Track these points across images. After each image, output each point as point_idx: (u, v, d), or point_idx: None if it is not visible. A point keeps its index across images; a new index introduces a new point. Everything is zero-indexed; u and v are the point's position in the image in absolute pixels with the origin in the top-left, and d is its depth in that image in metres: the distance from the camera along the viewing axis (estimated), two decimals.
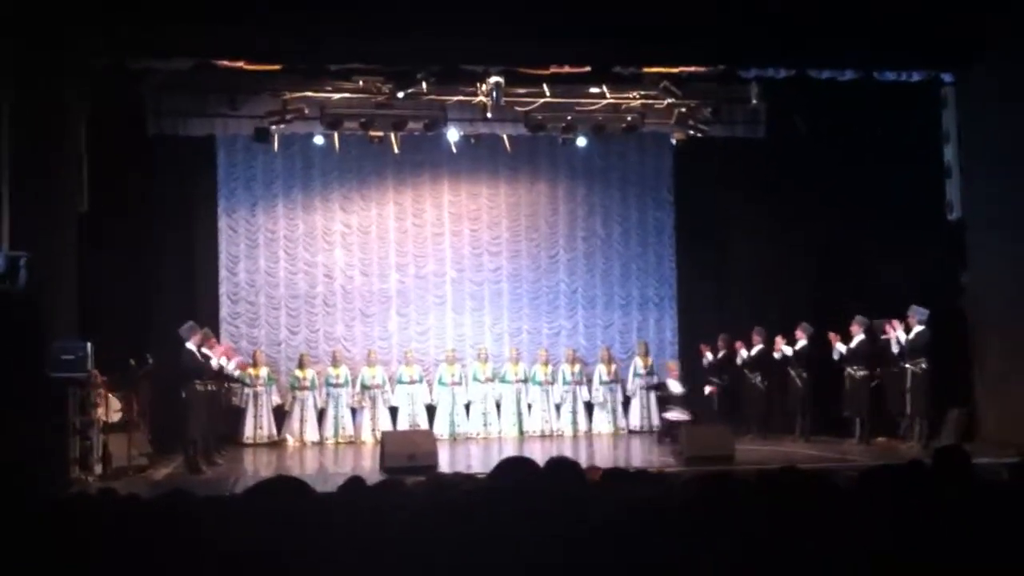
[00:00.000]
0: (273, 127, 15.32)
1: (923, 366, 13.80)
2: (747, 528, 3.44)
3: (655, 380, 17.27)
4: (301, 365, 16.70)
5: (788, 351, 15.49)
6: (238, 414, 16.13)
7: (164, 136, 15.48)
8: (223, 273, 17.14)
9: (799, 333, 15.38)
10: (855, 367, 14.52)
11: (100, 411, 12.20)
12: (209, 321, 15.43)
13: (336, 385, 16.68)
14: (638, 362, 17.57)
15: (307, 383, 16.59)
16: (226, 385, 14.83)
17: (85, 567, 3.29)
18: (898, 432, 14.38)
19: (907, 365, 13.91)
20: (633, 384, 17.55)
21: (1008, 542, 3.47)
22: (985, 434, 13.77)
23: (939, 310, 14.06)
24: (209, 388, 13.44)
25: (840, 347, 14.66)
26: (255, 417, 16.32)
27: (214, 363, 13.61)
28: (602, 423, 17.32)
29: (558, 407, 17.21)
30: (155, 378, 13.59)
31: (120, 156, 14.41)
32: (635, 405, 17.51)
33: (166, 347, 13.71)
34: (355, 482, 4.13)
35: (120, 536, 3.78)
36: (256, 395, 16.36)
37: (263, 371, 16.51)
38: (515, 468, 3.76)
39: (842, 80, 14.19)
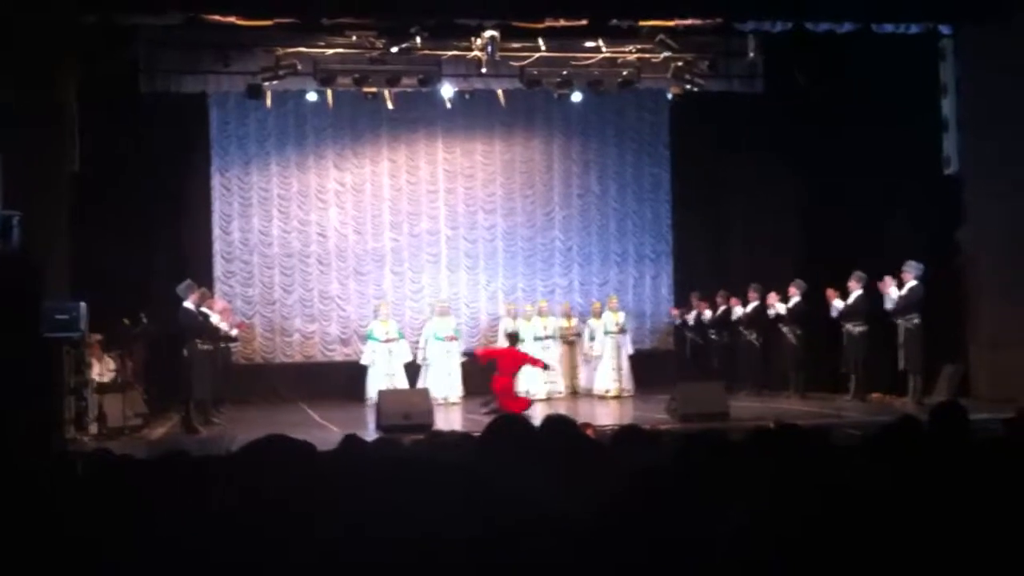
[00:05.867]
0: (266, 83, 15.17)
1: (915, 322, 13.78)
2: (743, 486, 3.43)
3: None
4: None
5: (782, 308, 15.49)
6: (237, 373, 16.08)
7: (157, 94, 15.31)
8: (216, 232, 17.08)
9: (792, 290, 15.36)
10: (853, 323, 14.50)
11: (95, 371, 12.18)
12: (203, 280, 15.34)
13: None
14: (608, 317, 16.73)
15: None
16: (223, 345, 14.80)
17: (79, 527, 3.27)
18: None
19: (899, 321, 13.89)
20: (603, 343, 16.56)
21: (1006, 496, 3.46)
22: (979, 391, 13.79)
23: (934, 265, 14.03)
24: (208, 347, 13.41)
25: (838, 303, 14.63)
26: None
27: (213, 321, 13.56)
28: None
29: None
30: (150, 337, 13.54)
31: (112, 114, 14.29)
32: (606, 366, 16.54)
33: (160, 306, 13.67)
34: (351, 440, 4.12)
35: (116, 496, 3.77)
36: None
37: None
38: (508, 428, 3.74)
39: (840, 32, 14.06)
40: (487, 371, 14.90)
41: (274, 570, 2.57)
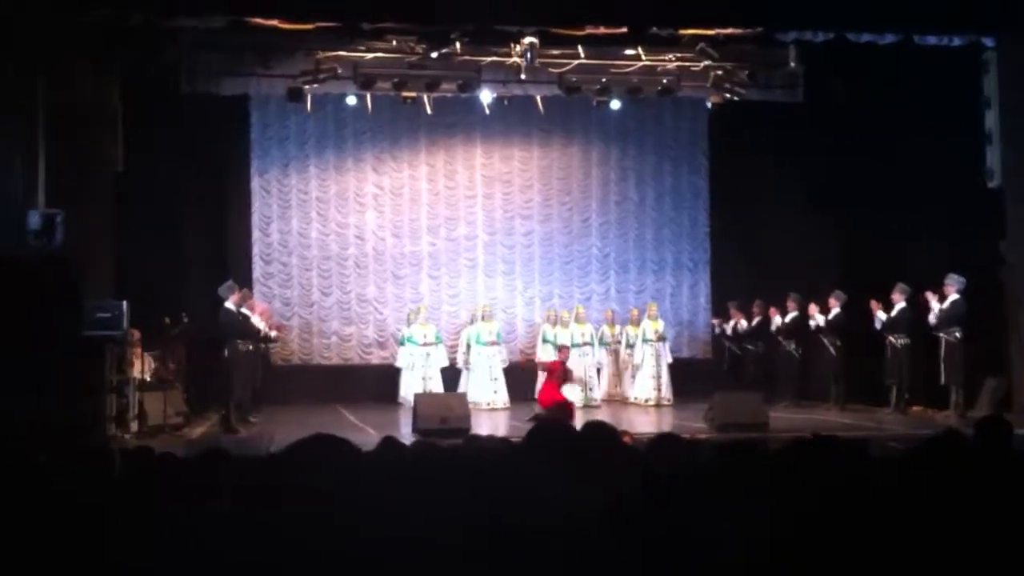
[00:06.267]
0: (306, 87, 15.25)
1: (957, 335, 13.63)
2: (777, 496, 3.40)
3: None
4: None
5: (821, 320, 15.38)
6: (274, 374, 16.15)
7: (197, 95, 15.42)
8: (256, 234, 17.22)
9: (832, 301, 15.26)
10: (896, 335, 14.36)
11: (136, 369, 12.30)
12: (242, 281, 15.46)
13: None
14: (648, 326, 16.58)
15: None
16: (263, 345, 14.91)
17: (119, 521, 3.30)
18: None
19: (941, 334, 13.74)
20: (642, 351, 16.48)
21: None
22: (1022, 405, 13.61)
23: (977, 279, 13.87)
24: (249, 348, 13.52)
25: (881, 315, 14.49)
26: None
27: (254, 322, 13.67)
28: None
29: (598, 371, 16.84)
30: (190, 337, 13.67)
31: (154, 115, 14.44)
32: (645, 374, 16.47)
33: (200, 306, 13.79)
34: (390, 442, 4.13)
35: (157, 492, 3.81)
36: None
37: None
38: (550, 432, 3.74)
39: (882, 44, 13.93)
40: (532, 377, 15.06)
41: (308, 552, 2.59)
